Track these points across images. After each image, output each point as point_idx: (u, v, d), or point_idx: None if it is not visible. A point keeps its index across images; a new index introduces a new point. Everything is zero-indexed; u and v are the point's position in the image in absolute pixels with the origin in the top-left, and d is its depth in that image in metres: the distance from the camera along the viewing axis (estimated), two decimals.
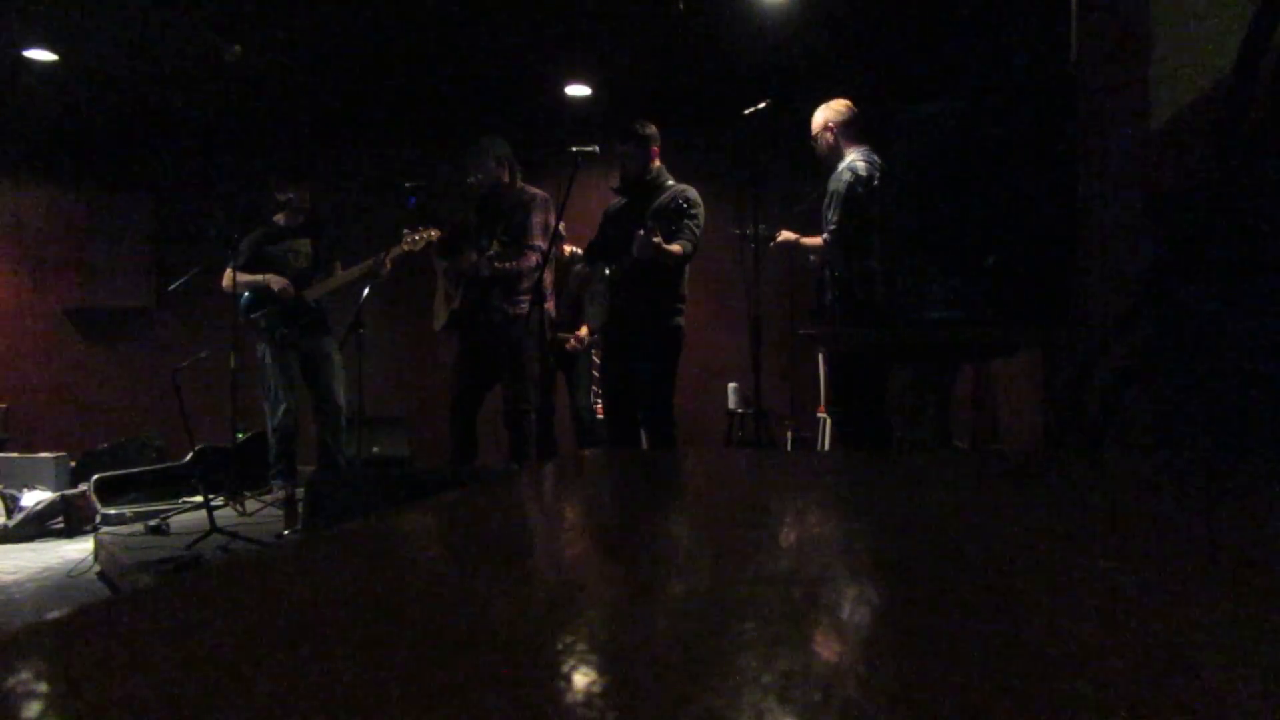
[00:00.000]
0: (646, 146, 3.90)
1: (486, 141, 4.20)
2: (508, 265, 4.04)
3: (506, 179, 4.20)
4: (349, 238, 5.42)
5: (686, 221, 3.79)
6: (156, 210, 7.38)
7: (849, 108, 3.81)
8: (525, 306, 4.10)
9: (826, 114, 3.81)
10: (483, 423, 4.31)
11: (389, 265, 4.56)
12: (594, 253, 4.10)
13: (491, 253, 4.04)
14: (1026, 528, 0.70)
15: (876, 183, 3.56)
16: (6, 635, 0.37)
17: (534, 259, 4.07)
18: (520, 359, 4.11)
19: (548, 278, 4.17)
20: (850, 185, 3.60)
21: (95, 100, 6.47)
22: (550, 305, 4.28)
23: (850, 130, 3.79)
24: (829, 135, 3.79)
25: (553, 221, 4.17)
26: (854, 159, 3.67)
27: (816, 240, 3.89)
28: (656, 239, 3.62)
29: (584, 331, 4.94)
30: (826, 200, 3.71)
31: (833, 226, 3.65)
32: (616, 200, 4.05)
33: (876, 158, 3.65)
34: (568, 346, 4.83)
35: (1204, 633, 0.38)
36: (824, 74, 5.96)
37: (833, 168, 3.74)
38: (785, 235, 4.08)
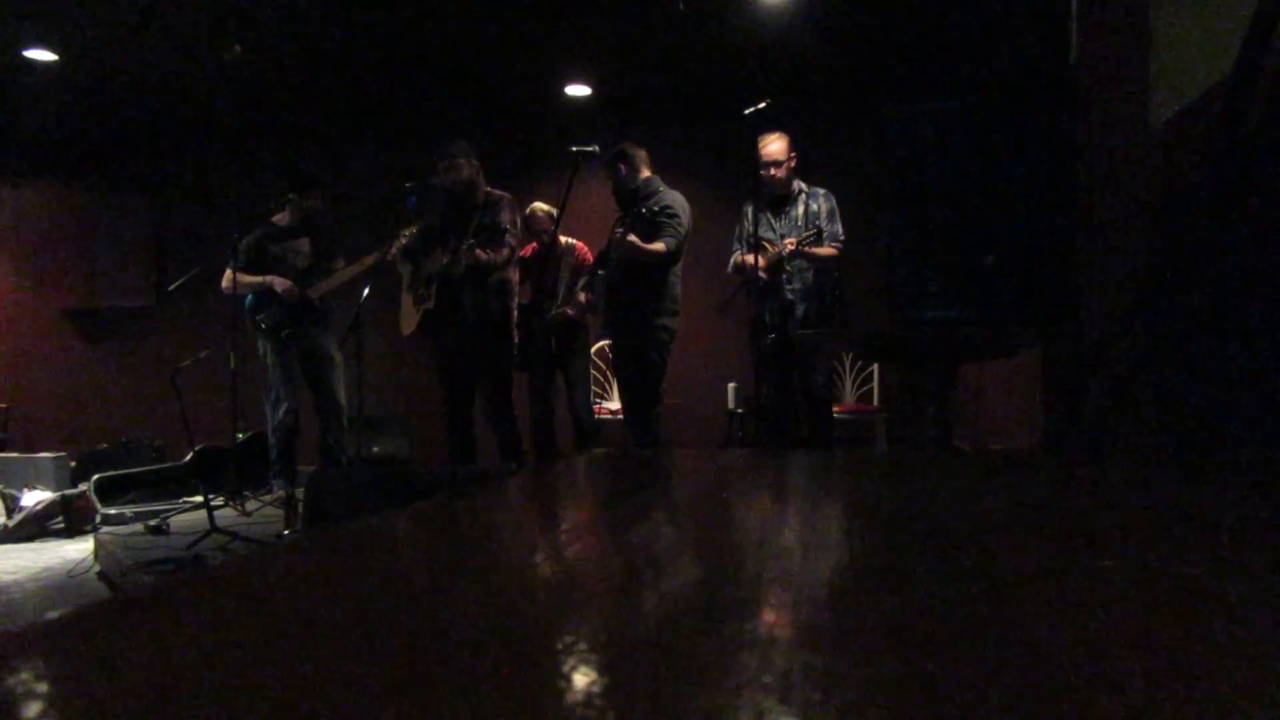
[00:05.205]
0: (615, 165, 4.07)
1: (454, 144, 4.26)
2: (487, 255, 4.10)
3: (476, 180, 4.25)
4: (349, 238, 5.41)
5: (665, 223, 3.93)
6: (156, 210, 7.38)
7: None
8: (496, 304, 4.20)
9: (784, 145, 4.06)
10: (481, 423, 4.32)
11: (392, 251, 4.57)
12: (600, 263, 4.33)
13: (469, 243, 4.08)
14: (1027, 528, 0.70)
15: None
16: (6, 635, 0.37)
17: (507, 252, 4.18)
18: (494, 357, 4.20)
19: (514, 276, 4.30)
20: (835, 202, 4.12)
21: (95, 100, 6.46)
22: (514, 304, 4.35)
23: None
24: (791, 164, 4.11)
25: (519, 221, 4.34)
26: (803, 183, 4.12)
27: (830, 251, 4.04)
28: (631, 237, 3.83)
29: (583, 297, 4.84)
30: (820, 214, 4.02)
31: (843, 237, 4.03)
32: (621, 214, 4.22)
33: None
34: (569, 312, 4.79)
35: (1203, 632, 0.38)
36: (824, 74, 5.97)
37: (786, 192, 4.09)
38: (790, 244, 4.02)
